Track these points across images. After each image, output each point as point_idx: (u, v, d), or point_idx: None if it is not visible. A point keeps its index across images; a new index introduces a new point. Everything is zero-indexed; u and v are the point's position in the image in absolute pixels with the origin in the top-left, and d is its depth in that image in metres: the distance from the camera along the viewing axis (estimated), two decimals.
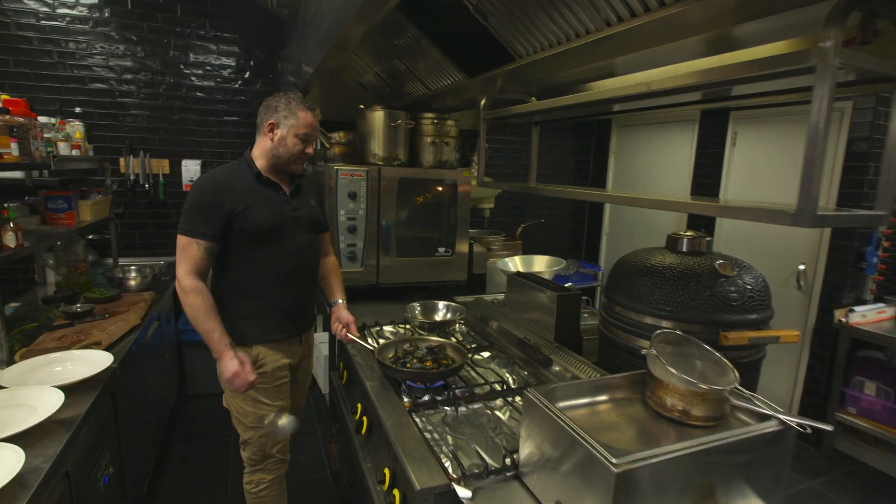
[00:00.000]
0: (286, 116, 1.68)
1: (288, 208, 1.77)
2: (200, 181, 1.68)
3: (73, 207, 2.33)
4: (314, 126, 1.73)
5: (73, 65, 3.20)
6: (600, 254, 4.93)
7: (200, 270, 1.64)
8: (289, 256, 1.77)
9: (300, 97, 1.70)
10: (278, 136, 1.69)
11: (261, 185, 1.73)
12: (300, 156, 1.73)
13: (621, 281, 1.73)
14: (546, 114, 2.11)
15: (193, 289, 1.62)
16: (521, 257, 2.79)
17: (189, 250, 1.63)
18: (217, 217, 1.63)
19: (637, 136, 4.46)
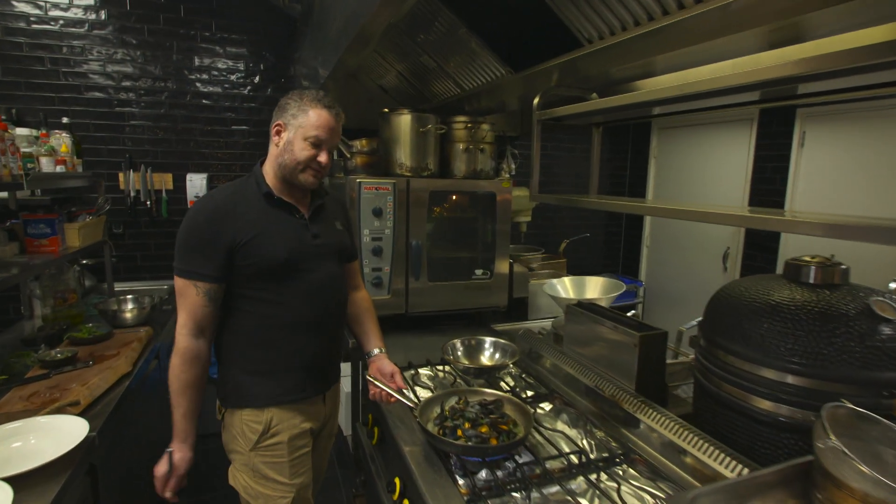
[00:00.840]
0: (295, 115, 1.35)
1: (307, 235, 1.43)
2: (192, 209, 1.35)
3: (56, 232, 2.02)
4: (329, 127, 1.35)
5: (68, 72, 2.91)
6: (640, 267, 4.53)
7: (200, 321, 1.33)
8: (309, 296, 1.42)
9: (317, 94, 1.37)
10: (284, 139, 1.36)
11: (271, 208, 1.39)
12: (309, 164, 1.36)
13: (729, 320, 1.35)
14: (612, 113, 1.75)
15: (184, 353, 1.32)
16: (571, 279, 2.41)
17: (186, 295, 1.31)
18: (216, 252, 1.30)
19: (681, 139, 4.08)
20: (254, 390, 1.38)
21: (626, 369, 1.59)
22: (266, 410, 1.38)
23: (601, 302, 2.11)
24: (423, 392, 1.71)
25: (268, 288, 1.36)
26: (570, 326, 1.88)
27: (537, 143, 1.76)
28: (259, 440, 1.37)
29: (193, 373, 1.32)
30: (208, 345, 1.36)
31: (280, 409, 1.40)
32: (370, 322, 1.67)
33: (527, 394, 1.75)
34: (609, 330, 1.66)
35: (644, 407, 1.46)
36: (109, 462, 1.54)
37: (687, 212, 1.37)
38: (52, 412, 1.42)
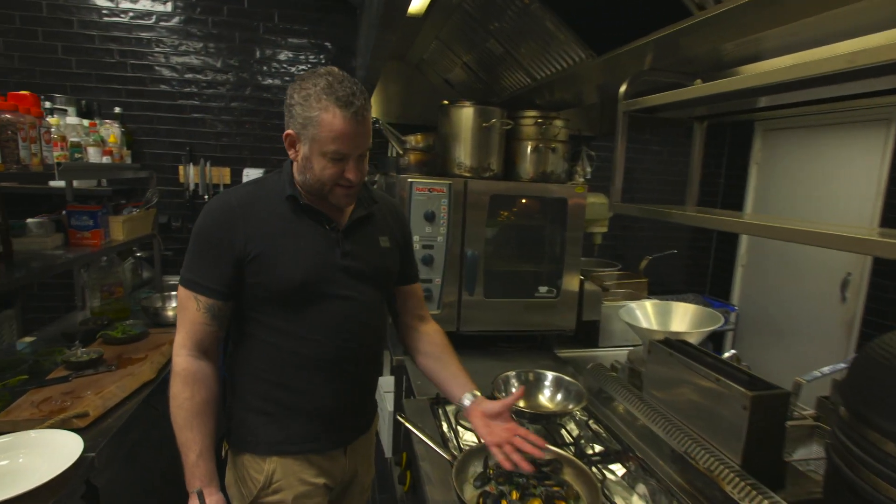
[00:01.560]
0: (304, 123, 1.03)
1: (334, 253, 1.15)
2: (205, 207, 1.14)
3: (99, 225, 1.94)
4: (350, 134, 1.03)
5: (136, 64, 2.92)
6: (733, 289, 3.97)
7: (201, 341, 1.11)
8: (330, 329, 1.15)
9: (329, 82, 1.02)
10: (301, 154, 1.08)
11: (295, 215, 1.14)
12: (337, 183, 1.08)
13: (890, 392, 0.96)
14: (722, 103, 1.37)
15: (184, 373, 1.09)
16: (653, 304, 2.02)
17: (187, 308, 1.11)
18: (222, 263, 1.09)
19: (792, 143, 3.49)
20: (257, 433, 1.16)
21: (729, 435, 1.22)
22: (268, 460, 1.15)
23: (691, 337, 1.73)
24: (467, 436, 1.43)
25: (280, 314, 1.12)
26: (653, 367, 1.52)
27: (622, 141, 1.42)
28: (259, 494, 1.15)
29: (201, 398, 1.09)
30: (213, 365, 1.15)
31: (284, 461, 1.16)
32: (451, 361, 1.31)
33: (594, 448, 1.42)
34: (707, 381, 1.29)
35: (755, 495, 1.08)
36: (116, 483, 1.39)
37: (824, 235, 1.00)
38: (56, 424, 1.29)
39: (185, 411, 1.08)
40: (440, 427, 1.47)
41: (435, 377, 1.33)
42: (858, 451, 0.97)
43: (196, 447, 1.07)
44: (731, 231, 3.69)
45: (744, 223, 1.19)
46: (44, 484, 1.08)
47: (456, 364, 1.31)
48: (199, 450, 1.07)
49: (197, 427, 1.08)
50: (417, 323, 1.39)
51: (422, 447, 1.34)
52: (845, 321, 3.13)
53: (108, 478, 1.35)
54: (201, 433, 1.08)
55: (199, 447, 1.07)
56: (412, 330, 1.39)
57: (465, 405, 1.22)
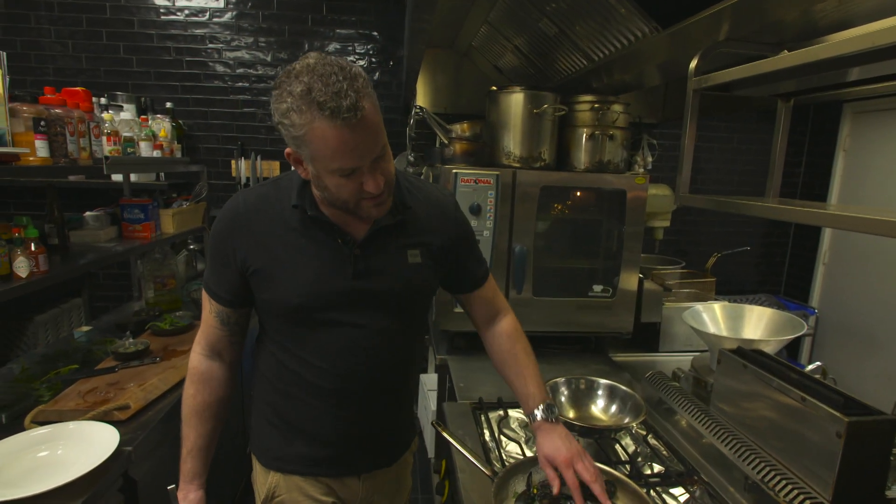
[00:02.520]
0: (298, 142, 0.84)
1: (344, 273, 0.98)
2: (222, 209, 1.04)
3: (150, 218, 1.98)
4: (351, 144, 0.82)
5: (191, 61, 2.99)
6: (812, 290, 3.60)
7: (214, 343, 1.07)
8: (334, 357, 1.01)
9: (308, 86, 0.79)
10: (310, 172, 0.91)
11: (303, 226, 0.99)
12: (360, 198, 0.91)
13: None
14: (812, 76, 1.17)
15: (193, 371, 1.08)
16: (722, 307, 1.82)
17: (204, 308, 1.08)
18: (227, 271, 1.01)
19: (887, 125, 3.10)
20: (263, 443, 1.11)
21: (817, 464, 1.04)
22: (271, 473, 1.09)
23: (767, 346, 1.54)
24: (510, 446, 1.33)
25: (285, 332, 1.03)
26: (723, 379, 1.35)
27: (692, 124, 1.26)
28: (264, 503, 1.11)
29: (202, 398, 1.06)
30: (228, 368, 1.10)
31: (285, 478, 1.09)
32: (518, 364, 1.15)
33: (652, 468, 1.27)
34: (791, 399, 1.11)
35: None
36: (156, 476, 1.39)
37: None
38: (98, 416, 1.30)
39: (187, 407, 1.07)
40: (482, 435, 1.37)
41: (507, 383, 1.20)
42: None
43: (188, 444, 1.06)
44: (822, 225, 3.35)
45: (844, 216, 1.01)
46: (80, 477, 1.08)
47: (522, 367, 1.15)
48: (189, 447, 1.06)
49: (193, 425, 1.06)
50: (486, 327, 1.23)
51: (461, 458, 1.24)
52: None
53: (147, 470, 1.34)
54: (195, 432, 1.06)
55: (190, 445, 1.06)
56: (483, 334, 1.24)
57: (534, 418, 1.09)
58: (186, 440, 1.07)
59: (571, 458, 0.99)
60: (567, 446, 1.01)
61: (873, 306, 3.16)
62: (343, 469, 1.11)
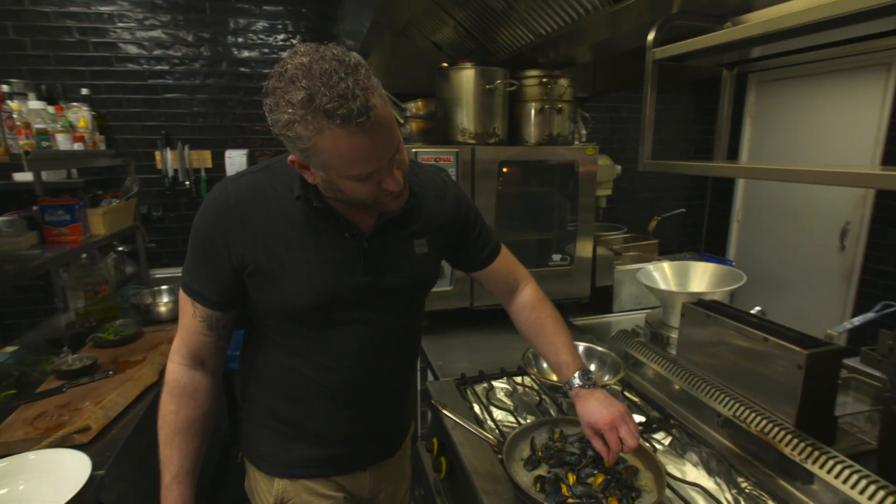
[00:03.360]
0: (307, 153, 0.77)
1: (354, 268, 0.94)
2: (204, 200, 0.94)
3: (77, 219, 1.78)
4: (368, 149, 0.76)
5: (98, 42, 2.68)
6: (729, 245, 3.97)
7: (197, 350, 0.97)
8: (344, 356, 0.98)
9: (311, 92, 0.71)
10: (319, 178, 0.84)
11: (308, 219, 0.91)
12: (379, 196, 0.86)
13: None
14: (754, 47, 1.28)
15: (173, 383, 0.96)
16: (671, 265, 1.97)
17: (184, 313, 0.96)
18: (218, 270, 0.91)
19: (785, 93, 3.44)
20: (263, 451, 1.05)
21: (781, 395, 1.17)
22: (276, 480, 1.04)
23: (714, 296, 1.68)
24: (500, 415, 1.36)
25: (288, 332, 0.97)
26: (687, 330, 1.47)
27: (652, 95, 1.32)
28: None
29: (187, 414, 0.95)
30: (213, 377, 1.01)
31: (293, 484, 1.04)
32: (546, 333, 1.13)
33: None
34: (754, 341, 1.23)
35: (815, 453, 1.04)
36: (128, 498, 1.28)
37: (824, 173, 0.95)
38: (55, 442, 1.17)
39: (168, 425, 0.95)
40: (471, 409, 1.40)
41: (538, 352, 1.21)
42: None
43: (172, 468, 0.95)
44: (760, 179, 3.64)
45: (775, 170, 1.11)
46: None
47: (555, 335, 1.12)
48: (174, 471, 0.95)
49: (177, 445, 0.95)
50: (508, 300, 1.21)
51: (458, 432, 1.27)
52: (844, 271, 3.15)
53: (119, 493, 1.24)
54: (181, 453, 0.95)
55: (176, 469, 0.95)
56: (507, 308, 1.23)
57: (572, 385, 1.07)
58: (169, 464, 0.95)
59: (614, 422, 0.98)
60: (609, 409, 0.99)
61: (781, 256, 3.55)
62: (350, 465, 1.09)
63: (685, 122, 3.89)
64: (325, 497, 1.06)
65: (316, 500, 1.05)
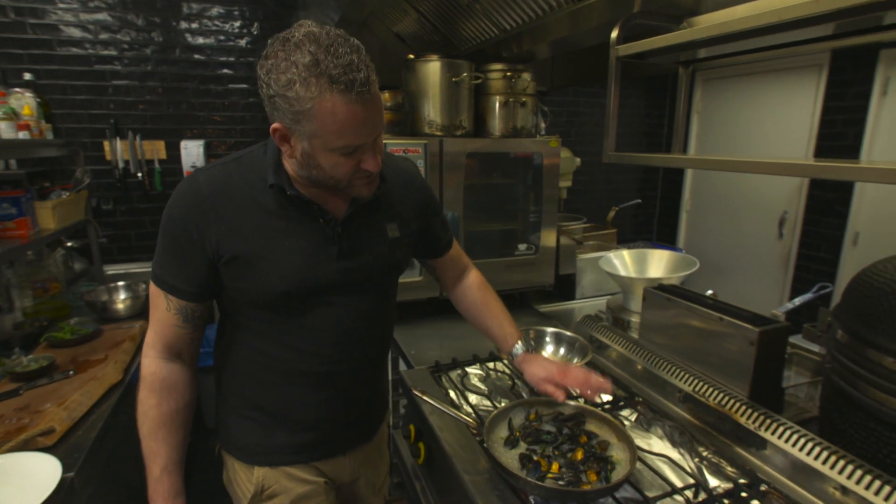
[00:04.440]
0: (297, 117, 0.78)
1: (329, 253, 0.95)
2: (173, 193, 0.93)
3: (25, 213, 1.68)
4: (362, 120, 0.79)
5: (36, 24, 2.51)
6: (678, 234, 4.18)
7: (173, 344, 0.96)
8: (321, 341, 0.99)
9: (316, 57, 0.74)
10: (298, 150, 0.85)
11: (281, 208, 0.92)
12: (354, 176, 0.88)
13: (887, 312, 1.03)
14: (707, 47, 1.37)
15: (151, 377, 0.95)
16: (630, 253, 2.07)
17: (157, 307, 0.95)
18: (192, 262, 0.91)
19: (729, 91, 3.65)
20: (240, 440, 1.05)
21: (735, 371, 1.27)
22: (256, 469, 1.04)
23: (670, 281, 1.79)
24: (476, 399, 1.40)
25: (265, 319, 0.97)
26: (649, 313, 1.56)
27: (615, 89, 1.39)
28: (253, 500, 1.06)
29: (169, 407, 0.96)
30: (190, 368, 1.01)
31: (274, 471, 1.05)
32: (491, 309, 1.25)
33: (601, 398, 1.43)
34: (710, 321, 1.33)
35: (767, 421, 1.14)
36: (98, 500, 1.24)
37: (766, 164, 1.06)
38: (17, 446, 1.11)
39: (150, 420, 0.95)
40: (447, 395, 1.43)
41: (481, 331, 1.31)
42: (859, 369, 1.03)
43: (160, 460, 0.95)
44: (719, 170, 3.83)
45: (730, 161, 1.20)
46: None
47: (497, 310, 1.27)
48: (163, 463, 0.95)
49: (163, 438, 0.95)
50: (455, 285, 1.31)
51: (436, 417, 1.30)
52: (782, 256, 3.39)
53: (89, 495, 1.20)
54: (167, 444, 0.96)
55: (164, 461, 0.95)
56: (452, 292, 1.33)
57: (516, 354, 1.22)
58: (157, 457, 0.95)
59: (564, 370, 1.14)
60: (555, 363, 1.16)
61: (725, 244, 3.78)
62: (330, 450, 1.11)
63: (637, 116, 4.06)
64: (306, 482, 1.06)
65: (297, 485, 1.06)
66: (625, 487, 1.03)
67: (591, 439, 1.12)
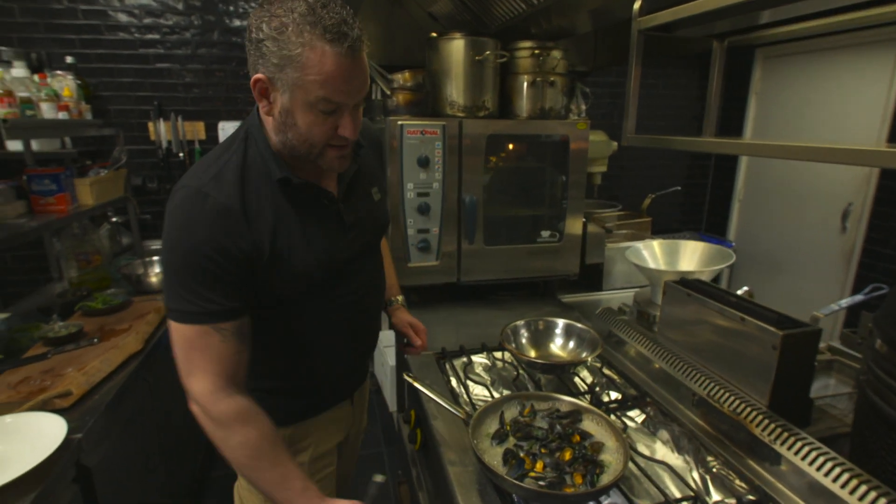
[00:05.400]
0: (281, 65, 0.78)
1: (340, 228, 1.00)
2: (177, 219, 0.84)
3: (64, 189, 1.78)
4: (346, 76, 0.80)
5: (87, 10, 2.64)
6: (729, 226, 3.92)
7: (233, 373, 0.89)
8: (345, 310, 1.05)
9: (312, 7, 0.77)
10: (279, 106, 0.83)
11: (290, 195, 0.92)
12: (328, 143, 0.87)
13: None
14: (747, 15, 1.23)
15: (236, 415, 0.87)
16: (660, 243, 1.94)
17: (206, 347, 0.86)
18: (236, 278, 0.87)
19: (792, 69, 3.34)
20: (276, 408, 1.01)
21: (755, 376, 1.17)
22: (282, 429, 1.04)
23: (702, 276, 1.66)
24: (477, 390, 1.37)
25: (290, 309, 0.98)
26: (668, 308, 1.46)
27: (637, 67, 1.28)
28: None
29: (264, 430, 0.88)
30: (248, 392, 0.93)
31: (302, 425, 1.11)
32: (388, 258, 1.38)
33: (609, 396, 1.36)
34: (731, 321, 1.22)
35: (787, 436, 1.03)
36: (111, 461, 1.31)
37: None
38: (36, 406, 1.19)
39: (262, 450, 0.88)
40: (448, 383, 1.40)
41: None
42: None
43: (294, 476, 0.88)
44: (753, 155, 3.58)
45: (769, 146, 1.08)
46: (26, 473, 1.00)
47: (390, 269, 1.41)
48: (300, 476, 0.88)
49: (283, 459, 0.89)
50: None
51: (432, 405, 1.28)
52: (844, 252, 3.10)
53: (102, 457, 1.27)
54: (289, 463, 0.89)
55: (298, 475, 0.88)
56: None
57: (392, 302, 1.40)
58: (291, 472, 0.88)
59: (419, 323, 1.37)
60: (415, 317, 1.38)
61: (782, 236, 3.50)
62: (344, 394, 1.20)
63: (690, 98, 3.81)
64: (326, 443, 1.15)
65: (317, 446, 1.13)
66: (614, 493, 0.98)
67: (584, 439, 1.06)
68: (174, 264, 0.84)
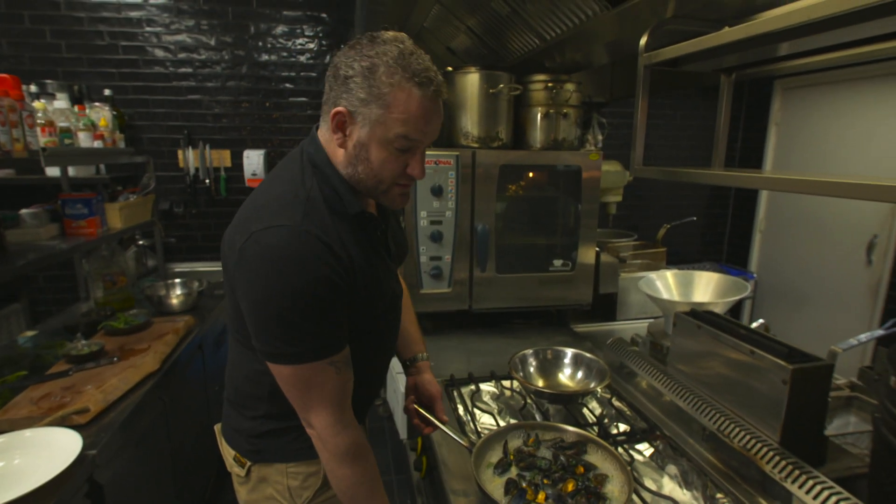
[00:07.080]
0: (367, 100, 0.82)
1: (388, 255, 1.05)
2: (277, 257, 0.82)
3: (95, 213, 1.87)
4: (427, 117, 0.85)
5: (127, 46, 2.81)
6: (751, 257, 3.85)
7: (347, 401, 0.93)
8: (392, 329, 1.12)
9: (403, 53, 0.83)
10: (354, 139, 0.87)
11: (359, 227, 0.95)
12: (396, 182, 0.91)
13: None
14: (752, 49, 1.25)
15: (360, 449, 0.93)
16: (674, 274, 1.92)
17: (326, 382, 0.88)
18: (342, 311, 0.90)
19: (814, 101, 3.32)
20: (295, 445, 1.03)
21: (766, 411, 1.14)
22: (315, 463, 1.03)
23: (716, 307, 1.64)
24: (484, 418, 1.37)
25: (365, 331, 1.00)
26: (679, 340, 1.44)
27: (643, 100, 1.31)
28: (316, 495, 1.05)
29: (371, 460, 0.97)
30: None
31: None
32: (409, 317, 1.29)
33: (618, 428, 1.34)
34: (741, 354, 1.20)
35: (798, 475, 1.00)
36: (123, 478, 1.34)
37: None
38: (55, 422, 1.23)
39: (367, 485, 0.95)
40: (455, 410, 1.40)
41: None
42: None
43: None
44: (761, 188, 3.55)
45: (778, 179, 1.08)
46: (42, 486, 1.03)
47: (411, 321, 1.29)
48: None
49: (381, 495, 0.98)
50: None
51: (437, 433, 1.27)
52: (871, 286, 3.01)
53: (114, 473, 1.30)
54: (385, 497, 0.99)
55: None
56: None
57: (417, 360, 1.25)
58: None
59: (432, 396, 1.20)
60: (433, 386, 1.21)
61: (805, 269, 3.42)
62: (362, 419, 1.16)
63: (708, 129, 3.80)
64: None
65: None
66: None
67: (588, 471, 1.05)
68: (280, 307, 0.82)
